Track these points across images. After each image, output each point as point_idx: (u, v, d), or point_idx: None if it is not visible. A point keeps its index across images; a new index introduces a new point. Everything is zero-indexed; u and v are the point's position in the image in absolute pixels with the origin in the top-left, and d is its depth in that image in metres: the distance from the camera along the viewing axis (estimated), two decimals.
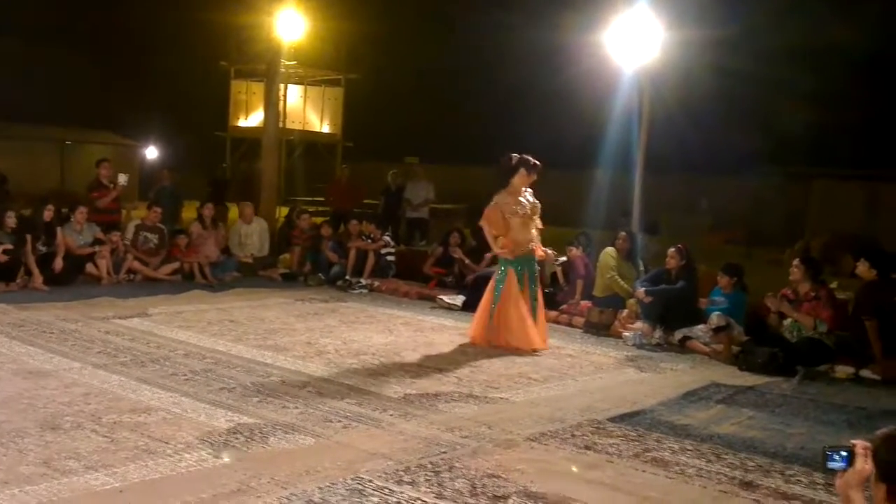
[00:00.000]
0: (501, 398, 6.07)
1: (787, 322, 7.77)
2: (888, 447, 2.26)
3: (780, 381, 7.04)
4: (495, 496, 4.12)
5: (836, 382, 7.19)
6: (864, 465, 2.37)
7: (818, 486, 4.48)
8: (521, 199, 7.98)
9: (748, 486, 4.48)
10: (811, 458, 4.93)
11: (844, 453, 2.43)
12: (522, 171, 7.96)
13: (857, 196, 21.09)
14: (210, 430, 4.92)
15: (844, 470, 2.41)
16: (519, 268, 7.94)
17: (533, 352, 7.70)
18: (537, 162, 8.01)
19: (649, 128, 10.37)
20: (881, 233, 18.15)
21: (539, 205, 8.13)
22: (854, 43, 22.53)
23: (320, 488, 4.12)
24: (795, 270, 7.88)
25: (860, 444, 2.40)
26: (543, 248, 8.29)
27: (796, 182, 22.46)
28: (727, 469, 4.73)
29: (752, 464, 4.82)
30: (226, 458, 4.49)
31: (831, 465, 2.45)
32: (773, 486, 4.49)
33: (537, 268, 8.22)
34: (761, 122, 24.29)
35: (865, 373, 7.32)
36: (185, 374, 6.22)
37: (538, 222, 8.17)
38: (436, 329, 8.74)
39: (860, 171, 21.90)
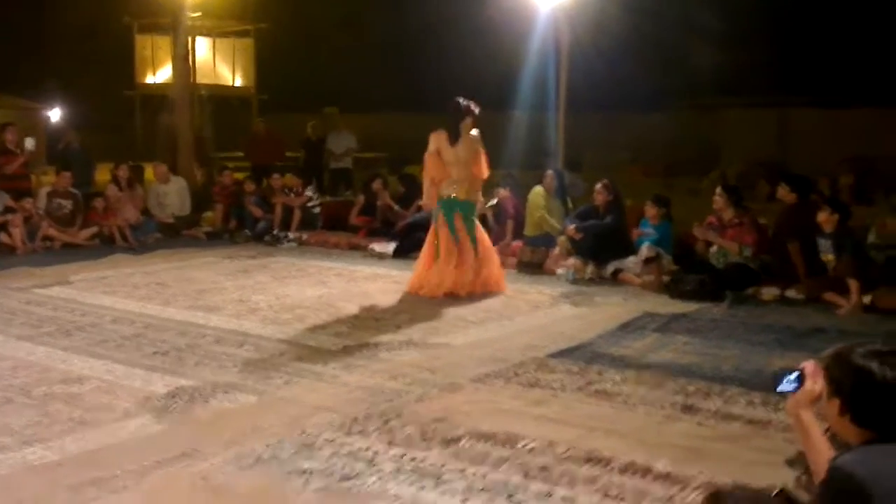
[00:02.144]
0: (442, 343, 6.06)
1: (713, 249, 7.95)
2: (839, 363, 2.29)
3: (711, 306, 7.22)
4: (446, 439, 4.11)
5: (763, 304, 7.41)
6: (813, 385, 2.41)
7: (756, 405, 4.61)
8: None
9: (690, 409, 4.58)
10: (747, 378, 5.08)
11: (793, 375, 2.46)
12: (469, 119, 7.87)
13: (768, 124, 21.60)
14: (148, 396, 4.78)
15: (795, 392, 2.45)
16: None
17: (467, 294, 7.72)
18: (475, 108, 7.91)
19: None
20: (792, 157, 18.70)
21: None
22: None
23: (268, 445, 4.05)
24: (718, 199, 8.05)
25: (809, 365, 2.44)
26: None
27: (709, 113, 22.90)
28: (668, 395, 4.82)
29: (692, 388, 4.92)
30: (167, 423, 4.38)
31: (782, 388, 2.47)
32: (713, 408, 4.60)
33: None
34: (673, 57, 24.58)
35: (790, 293, 7.55)
36: (116, 341, 6.03)
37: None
38: (369, 278, 8.67)
39: (769, 99, 22.43)
